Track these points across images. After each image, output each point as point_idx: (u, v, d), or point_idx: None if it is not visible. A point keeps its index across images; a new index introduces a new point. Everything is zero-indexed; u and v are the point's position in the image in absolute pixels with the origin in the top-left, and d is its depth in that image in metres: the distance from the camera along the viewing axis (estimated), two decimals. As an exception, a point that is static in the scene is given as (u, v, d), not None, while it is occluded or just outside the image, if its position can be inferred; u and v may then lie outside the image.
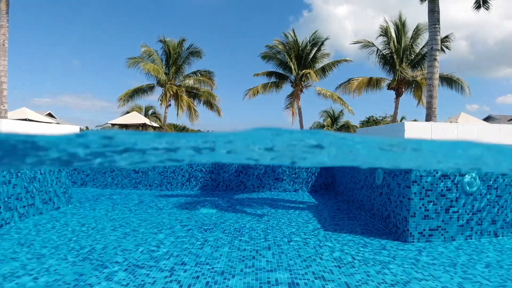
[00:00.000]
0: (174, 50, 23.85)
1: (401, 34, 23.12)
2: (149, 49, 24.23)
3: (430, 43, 7.86)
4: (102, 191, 9.23)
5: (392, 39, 22.62)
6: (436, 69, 7.57)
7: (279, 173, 9.15)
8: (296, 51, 21.02)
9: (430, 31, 7.81)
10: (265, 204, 7.57)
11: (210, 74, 25.18)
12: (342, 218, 6.32)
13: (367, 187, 6.48)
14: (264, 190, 9.18)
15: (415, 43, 23.40)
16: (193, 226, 5.56)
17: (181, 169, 9.25)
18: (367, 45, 24.36)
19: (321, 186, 9.19)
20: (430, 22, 7.84)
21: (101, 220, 6.02)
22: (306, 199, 8.29)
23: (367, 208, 6.45)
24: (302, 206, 7.39)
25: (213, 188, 9.21)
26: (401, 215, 5.17)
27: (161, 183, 9.33)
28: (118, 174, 9.59)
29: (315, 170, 9.18)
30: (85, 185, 9.95)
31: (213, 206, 7.25)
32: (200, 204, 7.48)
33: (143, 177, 9.42)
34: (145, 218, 6.12)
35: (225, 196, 8.49)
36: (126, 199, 8.10)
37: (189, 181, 9.23)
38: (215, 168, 9.19)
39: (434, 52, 7.65)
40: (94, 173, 9.83)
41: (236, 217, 6.30)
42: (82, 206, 7.21)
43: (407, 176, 5.01)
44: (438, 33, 7.60)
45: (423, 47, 23.58)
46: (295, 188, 9.16)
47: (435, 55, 7.62)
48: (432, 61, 7.63)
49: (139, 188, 9.46)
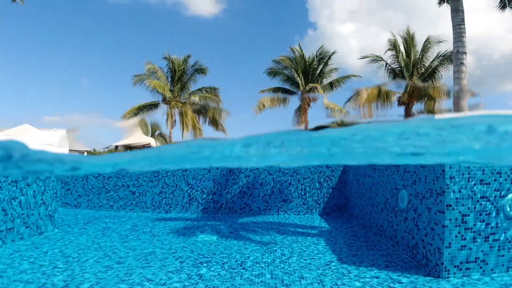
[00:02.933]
0: (179, 67, 23.61)
1: (410, 48, 22.59)
2: (153, 67, 24.04)
3: (455, 45, 7.13)
4: (96, 214, 8.54)
5: (401, 52, 22.07)
6: (463, 74, 6.83)
7: (287, 194, 8.37)
8: (303, 66, 20.56)
9: (454, 32, 7.11)
10: (272, 229, 6.78)
11: (215, 90, 24.80)
12: (360, 247, 5.50)
13: (388, 210, 5.68)
14: (271, 212, 8.39)
15: (425, 56, 22.84)
16: (187, 258, 4.79)
17: (180, 189, 8.54)
18: (375, 60, 23.91)
19: (334, 208, 8.37)
20: (454, 23, 7.17)
21: (86, 249, 5.30)
22: (317, 223, 7.47)
23: (389, 235, 5.63)
24: (313, 232, 6.58)
25: (215, 211, 8.46)
26: (433, 245, 4.36)
27: (159, 205, 8.61)
28: (113, 195, 8.92)
29: (326, 191, 8.39)
30: (79, 207, 9.29)
31: (214, 232, 6.49)
32: (200, 230, 6.72)
33: (140, 199, 8.72)
34: (135, 247, 5.38)
35: (228, 220, 7.72)
36: (119, 223, 7.38)
37: (189, 203, 8.50)
38: (217, 189, 8.46)
39: (460, 56, 6.92)
40: (88, 194, 9.17)
41: (239, 245, 5.52)
42: (69, 231, 6.51)
43: (440, 199, 4.23)
44: (464, 34, 6.91)
45: (433, 60, 23.01)
46: (305, 210, 8.35)
47: (461, 59, 6.89)
48: (458, 65, 6.90)
49: (135, 211, 8.75)
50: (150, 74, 24.24)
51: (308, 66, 20.61)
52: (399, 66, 22.68)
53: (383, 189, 5.87)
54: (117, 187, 8.90)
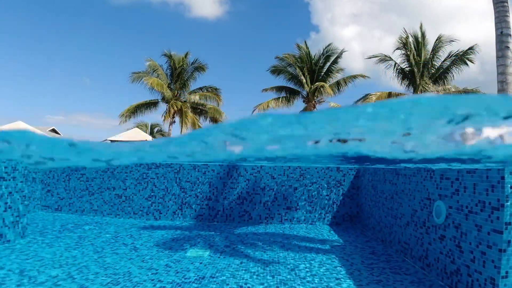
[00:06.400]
0: (179, 63, 22.71)
1: (420, 47, 21.58)
2: (153, 63, 23.15)
3: (498, 26, 6.01)
4: (78, 219, 7.59)
5: (412, 51, 21.05)
6: (509, 60, 5.76)
7: (292, 201, 7.39)
8: (308, 65, 19.58)
9: (496, 11, 6.01)
10: (274, 243, 5.80)
11: (216, 90, 23.88)
12: (383, 269, 4.51)
13: (416, 225, 4.70)
14: (273, 221, 7.41)
15: (436, 55, 21.81)
16: (168, 284, 3.82)
17: (172, 194, 7.57)
18: (383, 59, 22.90)
19: (344, 217, 7.38)
20: (495, 1, 6.10)
21: (50, 265, 4.34)
22: (326, 235, 6.49)
23: (417, 254, 4.64)
24: (323, 248, 5.59)
25: (210, 218, 7.48)
26: (483, 274, 3.37)
27: (147, 211, 7.65)
28: (98, 198, 7.97)
29: (336, 198, 7.40)
30: (60, 210, 8.34)
31: (206, 246, 5.52)
32: (190, 242, 5.75)
33: (127, 203, 7.76)
34: (108, 265, 4.41)
35: (224, 230, 6.74)
36: (99, 231, 6.43)
37: (181, 209, 7.53)
38: (213, 194, 7.49)
39: (505, 38, 5.81)
40: (70, 196, 8.22)
41: (235, 265, 4.55)
42: (39, 241, 5.56)
43: (496, 215, 3.24)
44: (508, 13, 5.86)
45: (445, 60, 21.96)
46: (312, 219, 7.37)
47: (506, 42, 5.79)
48: (503, 49, 5.79)
49: (121, 216, 7.79)
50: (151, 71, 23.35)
51: (314, 65, 19.63)
52: (409, 66, 21.69)
53: (410, 198, 4.89)
54: (101, 189, 7.95)
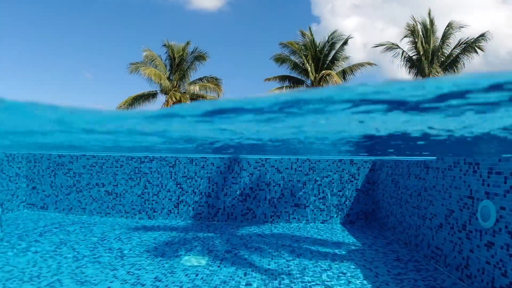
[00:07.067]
0: (178, 53, 21.84)
1: (429, 34, 20.62)
2: (151, 53, 22.26)
3: None
4: (64, 218, 6.90)
5: (420, 39, 20.09)
6: None
7: (301, 197, 6.65)
8: (313, 52, 18.66)
9: None
10: (283, 247, 5.08)
11: (217, 80, 23.03)
12: (414, 281, 3.78)
13: (453, 228, 3.95)
14: (280, 220, 6.69)
15: (446, 42, 20.87)
16: (156, 305, 3.11)
17: (167, 190, 6.85)
18: (390, 48, 21.99)
19: (359, 215, 6.65)
20: None
21: (18, 277, 3.64)
22: (340, 236, 5.76)
23: (454, 263, 3.90)
24: (339, 253, 4.86)
25: (209, 217, 6.76)
26: (555, 295, 2.64)
27: (140, 209, 6.93)
28: (86, 196, 7.25)
29: (350, 194, 6.65)
30: (46, 209, 7.64)
31: (205, 250, 4.80)
32: (186, 246, 5.03)
33: (118, 201, 7.05)
34: (85, 279, 3.70)
35: (225, 230, 6.03)
36: (85, 233, 5.72)
37: (177, 207, 6.81)
38: (213, 190, 6.76)
39: None
40: (56, 193, 7.51)
41: (236, 277, 3.83)
42: (13, 246, 4.86)
43: None
44: None
45: (455, 47, 21.02)
46: (322, 218, 6.64)
47: None
48: None
49: (112, 215, 7.08)
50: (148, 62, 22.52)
51: (319, 52, 18.71)
52: (417, 54, 20.77)
53: (445, 196, 4.13)
54: (90, 186, 7.24)
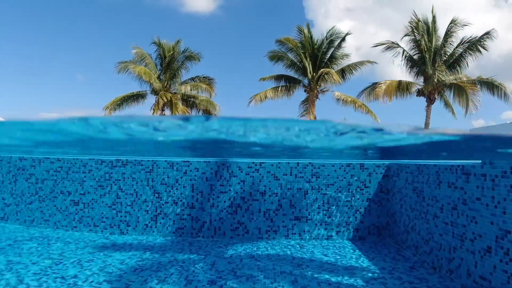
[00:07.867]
0: (169, 52, 20.82)
1: (431, 31, 19.81)
2: (141, 51, 21.22)
3: None
4: (23, 232, 5.83)
5: (424, 37, 19.27)
6: None
7: (302, 208, 5.63)
8: (310, 50, 17.70)
9: None
10: (282, 274, 4.04)
11: (209, 80, 22.02)
12: (463, 330, 2.77)
13: (508, 254, 2.95)
14: (277, 236, 5.66)
15: (448, 41, 20.09)
16: None
17: (143, 200, 5.79)
18: (390, 47, 21.19)
19: (370, 230, 5.64)
20: None
21: None
22: (352, 258, 4.74)
23: (511, 302, 2.90)
24: (354, 283, 3.84)
25: (193, 233, 5.71)
26: None
27: (112, 223, 5.87)
28: (50, 206, 6.18)
29: (359, 205, 5.65)
30: (6, 220, 6.56)
31: (181, 281, 3.75)
32: (159, 274, 3.98)
33: (85, 212, 5.97)
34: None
35: (211, 251, 4.98)
36: (41, 252, 4.65)
37: (155, 220, 5.76)
38: (197, 200, 5.71)
39: None
40: (17, 203, 6.43)
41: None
42: None
43: None
44: None
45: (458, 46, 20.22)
46: (327, 233, 5.62)
47: None
48: None
49: (79, 229, 6.01)
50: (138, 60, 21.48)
51: (317, 50, 17.78)
52: (419, 53, 19.92)
53: (496, 212, 3.14)
54: (54, 194, 6.16)
